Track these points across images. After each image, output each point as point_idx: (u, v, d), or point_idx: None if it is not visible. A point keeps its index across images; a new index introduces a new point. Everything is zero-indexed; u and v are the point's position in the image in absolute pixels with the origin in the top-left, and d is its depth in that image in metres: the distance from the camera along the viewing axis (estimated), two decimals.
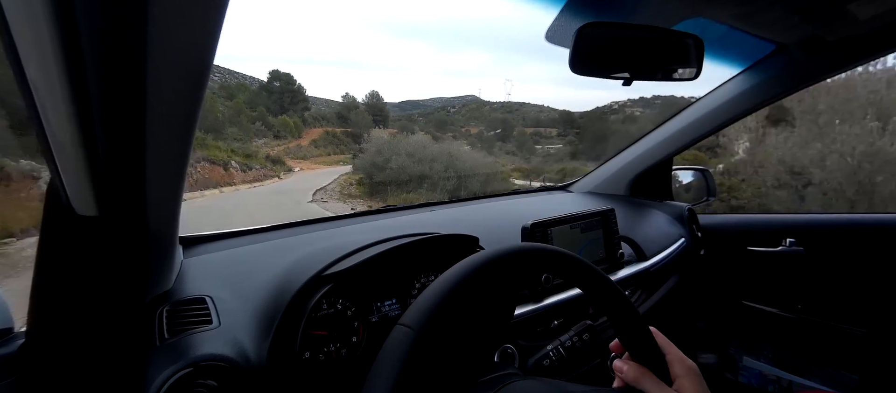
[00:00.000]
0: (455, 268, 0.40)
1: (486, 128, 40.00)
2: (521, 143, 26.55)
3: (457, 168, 11.29)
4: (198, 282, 0.66)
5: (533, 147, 25.61)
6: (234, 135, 24.41)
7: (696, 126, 1.22)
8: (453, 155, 11.96)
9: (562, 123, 34.86)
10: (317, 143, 36.09)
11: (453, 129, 41.15)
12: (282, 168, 23.50)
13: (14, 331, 0.58)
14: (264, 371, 0.56)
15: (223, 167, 16.58)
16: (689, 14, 0.78)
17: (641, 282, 1.06)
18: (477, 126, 44.23)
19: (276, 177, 20.45)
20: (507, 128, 37.60)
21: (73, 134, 0.35)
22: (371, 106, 44.22)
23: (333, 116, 43.88)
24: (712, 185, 1.45)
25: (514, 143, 26.52)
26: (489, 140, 27.60)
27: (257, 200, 13.15)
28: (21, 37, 0.31)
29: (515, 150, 23.47)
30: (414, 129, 30.79)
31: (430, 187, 10.94)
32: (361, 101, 45.50)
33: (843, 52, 0.91)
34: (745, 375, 1.34)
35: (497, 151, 17.82)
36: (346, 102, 45.98)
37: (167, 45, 0.31)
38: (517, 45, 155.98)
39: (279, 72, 42.98)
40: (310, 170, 26.06)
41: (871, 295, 1.16)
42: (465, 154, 12.87)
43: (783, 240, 1.22)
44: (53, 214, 0.48)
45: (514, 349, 0.76)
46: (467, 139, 30.32)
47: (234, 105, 31.12)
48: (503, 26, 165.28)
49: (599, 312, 0.92)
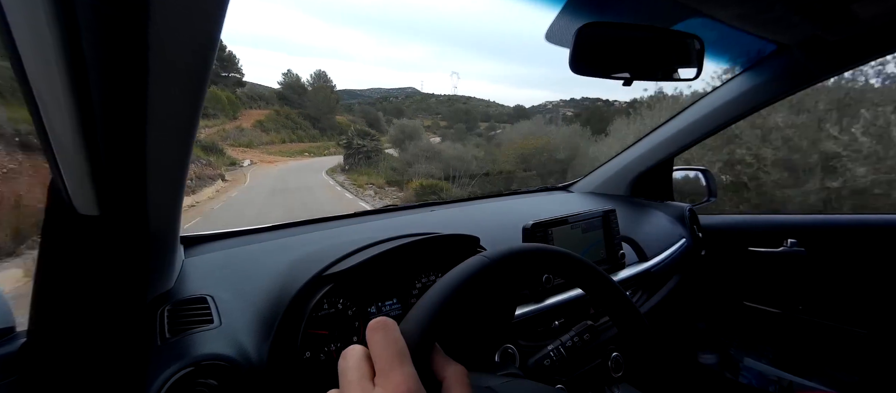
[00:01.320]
0: (452, 274, 0.38)
1: (450, 120, 38.80)
2: (488, 136, 26.29)
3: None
4: (199, 281, 0.66)
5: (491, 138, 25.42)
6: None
7: (696, 126, 1.22)
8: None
9: (516, 117, 34.49)
10: (264, 126, 27.67)
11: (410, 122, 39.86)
12: (223, 160, 15.83)
13: (15, 330, 0.58)
14: (265, 371, 0.56)
15: None
16: (689, 14, 0.78)
17: (642, 282, 1.06)
18: (429, 118, 42.06)
19: (218, 177, 12.82)
20: (470, 121, 37.28)
21: (75, 134, 0.36)
22: (318, 89, 36.25)
23: (273, 96, 36.23)
24: (713, 186, 1.45)
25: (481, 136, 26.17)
26: (461, 132, 27.10)
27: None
28: (22, 37, 0.31)
29: (484, 142, 23.24)
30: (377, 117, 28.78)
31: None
32: (306, 82, 37.54)
33: (844, 53, 0.90)
34: (746, 376, 1.34)
35: (469, 143, 17.35)
36: (288, 82, 37.58)
37: (168, 46, 0.31)
38: (464, 40, 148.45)
39: None
40: (267, 164, 18.22)
41: (871, 295, 1.15)
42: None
43: (784, 240, 1.22)
44: (55, 213, 0.48)
45: (515, 349, 0.76)
46: (437, 131, 29.51)
47: None
48: (450, 20, 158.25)
49: (601, 313, 0.92)
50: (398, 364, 0.27)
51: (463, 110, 44.23)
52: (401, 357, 0.28)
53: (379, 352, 0.28)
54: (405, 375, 0.26)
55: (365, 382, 0.27)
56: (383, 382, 0.26)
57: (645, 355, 0.47)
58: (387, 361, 0.27)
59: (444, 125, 36.37)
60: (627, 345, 0.87)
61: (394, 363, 0.27)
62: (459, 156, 12.63)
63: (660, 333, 0.49)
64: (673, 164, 1.45)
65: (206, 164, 12.97)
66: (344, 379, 0.28)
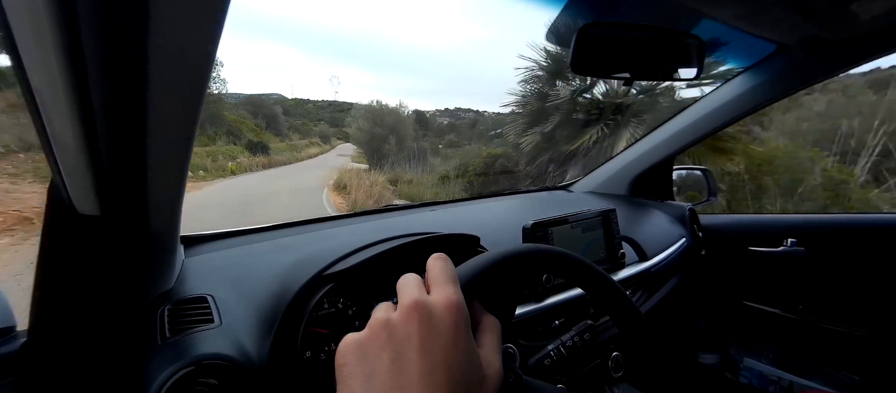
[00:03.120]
0: (506, 249, 0.41)
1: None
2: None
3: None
4: (199, 281, 0.66)
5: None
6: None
7: (696, 126, 1.22)
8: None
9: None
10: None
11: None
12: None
13: (16, 330, 0.58)
14: (265, 370, 0.56)
15: None
16: (689, 14, 0.78)
17: (643, 282, 1.06)
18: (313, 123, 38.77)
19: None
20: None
21: (75, 135, 0.36)
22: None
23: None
24: (713, 186, 1.45)
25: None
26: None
27: None
28: (23, 38, 0.31)
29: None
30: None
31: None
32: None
33: (844, 53, 0.90)
34: (746, 376, 1.34)
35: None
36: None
37: (169, 47, 0.31)
38: (337, 47, 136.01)
39: None
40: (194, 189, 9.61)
41: (871, 296, 1.15)
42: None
43: (784, 240, 1.22)
44: (55, 213, 0.48)
45: (515, 349, 0.76)
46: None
47: None
48: (325, 23, 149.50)
49: (601, 313, 0.92)
50: (452, 283, 0.33)
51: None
52: (454, 280, 0.34)
53: (437, 273, 0.34)
54: (456, 291, 0.32)
55: (421, 291, 0.32)
56: (437, 292, 0.32)
57: (645, 355, 0.47)
58: (443, 280, 0.33)
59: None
60: (628, 345, 0.87)
61: (448, 282, 0.33)
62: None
63: (660, 333, 0.49)
64: (673, 163, 1.45)
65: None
66: (403, 292, 0.33)
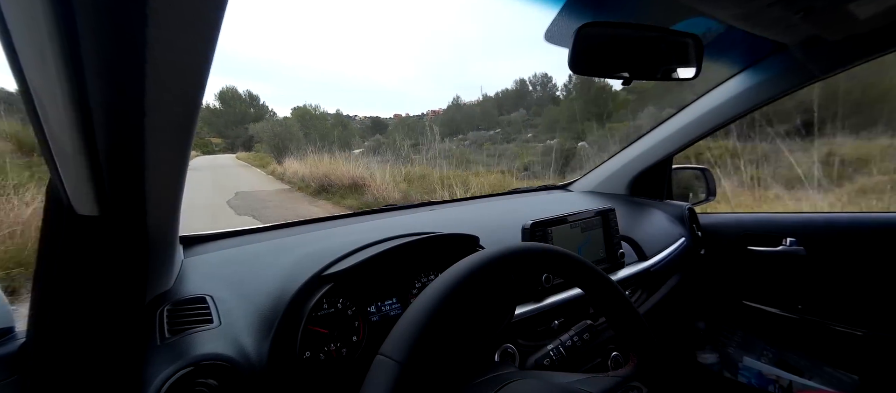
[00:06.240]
0: (451, 271, 0.38)
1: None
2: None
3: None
4: (198, 281, 0.66)
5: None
6: None
7: (695, 126, 1.22)
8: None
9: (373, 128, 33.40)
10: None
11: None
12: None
13: (15, 330, 0.58)
14: (265, 370, 0.56)
15: None
16: (688, 14, 0.78)
17: (642, 281, 1.06)
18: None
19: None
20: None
21: (74, 136, 0.36)
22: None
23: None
24: (712, 185, 1.45)
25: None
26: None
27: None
28: (21, 40, 0.31)
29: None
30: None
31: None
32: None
33: (843, 52, 0.91)
34: (746, 375, 1.34)
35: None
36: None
37: (166, 48, 0.31)
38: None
39: None
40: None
41: (871, 295, 1.15)
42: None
43: (784, 239, 1.22)
44: (54, 214, 0.48)
45: (515, 349, 0.76)
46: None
47: None
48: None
49: (599, 312, 0.92)
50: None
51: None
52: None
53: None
54: None
55: None
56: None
57: (644, 356, 0.47)
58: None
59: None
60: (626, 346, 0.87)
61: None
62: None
63: (658, 334, 0.50)
64: (672, 162, 1.45)
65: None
66: None
